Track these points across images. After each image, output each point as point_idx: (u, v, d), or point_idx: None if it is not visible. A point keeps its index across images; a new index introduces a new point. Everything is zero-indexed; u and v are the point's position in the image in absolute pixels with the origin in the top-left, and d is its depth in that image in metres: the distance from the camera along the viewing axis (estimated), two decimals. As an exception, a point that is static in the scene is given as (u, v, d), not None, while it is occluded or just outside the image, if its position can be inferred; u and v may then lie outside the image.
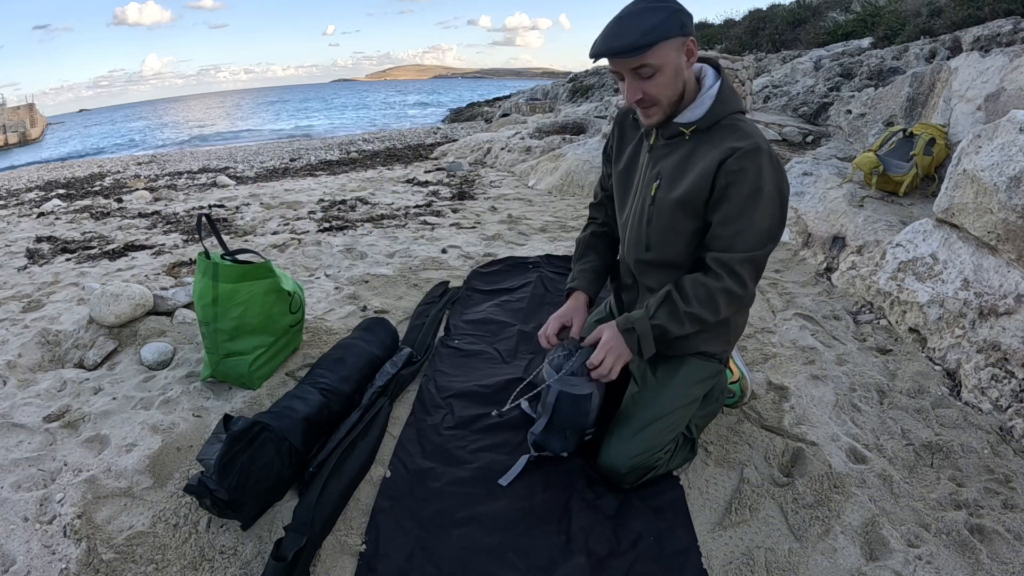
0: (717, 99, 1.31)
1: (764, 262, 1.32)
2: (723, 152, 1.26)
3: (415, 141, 12.14)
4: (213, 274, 1.74)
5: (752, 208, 1.26)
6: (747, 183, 1.25)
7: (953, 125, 3.07)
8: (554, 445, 1.49)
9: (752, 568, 1.23)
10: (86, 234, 4.21)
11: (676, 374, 1.43)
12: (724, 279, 1.29)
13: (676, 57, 1.25)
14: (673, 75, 1.26)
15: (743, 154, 1.24)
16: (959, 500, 1.40)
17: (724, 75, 1.36)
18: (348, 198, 5.07)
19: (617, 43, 1.21)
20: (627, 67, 1.25)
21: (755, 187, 1.25)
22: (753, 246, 1.28)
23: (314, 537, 1.23)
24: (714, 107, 1.31)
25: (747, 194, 1.26)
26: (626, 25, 1.21)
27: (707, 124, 1.32)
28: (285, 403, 1.56)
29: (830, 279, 2.73)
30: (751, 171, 1.24)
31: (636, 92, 1.28)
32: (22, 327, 2.38)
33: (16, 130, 31.80)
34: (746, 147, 1.25)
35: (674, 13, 1.21)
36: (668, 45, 1.22)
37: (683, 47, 1.25)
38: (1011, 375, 1.73)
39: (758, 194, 1.25)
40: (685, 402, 1.43)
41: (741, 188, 1.25)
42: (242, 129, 28.84)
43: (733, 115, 1.32)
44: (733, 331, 1.48)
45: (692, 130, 1.33)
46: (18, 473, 1.46)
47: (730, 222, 1.28)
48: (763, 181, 1.25)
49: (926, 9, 6.05)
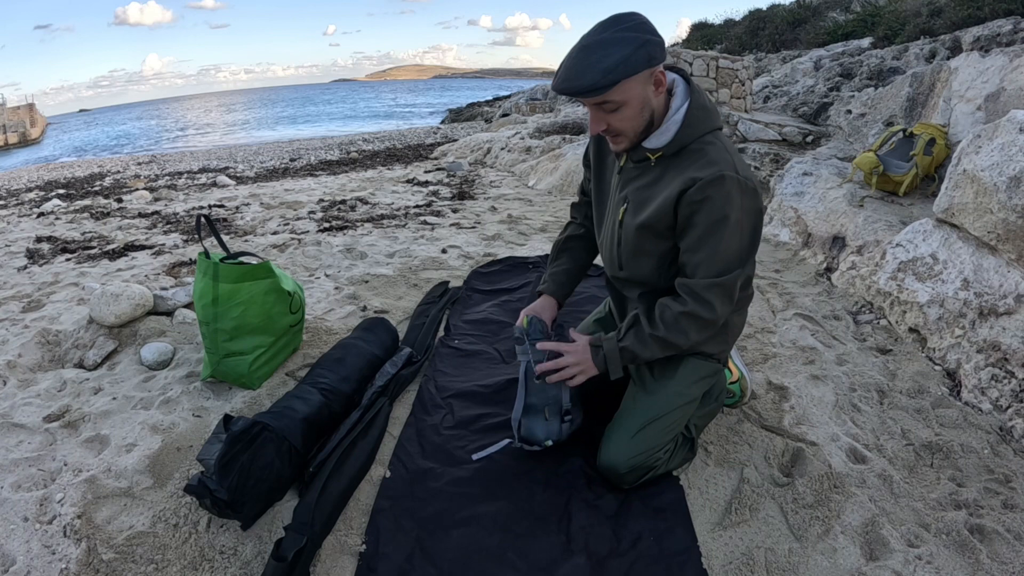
0: (683, 124, 1.26)
1: (734, 286, 1.29)
2: (684, 182, 1.23)
3: (415, 141, 12.14)
4: (213, 274, 1.74)
5: (716, 237, 1.23)
6: (710, 212, 1.22)
7: (953, 125, 3.07)
8: (537, 431, 1.46)
9: (752, 568, 1.23)
10: (86, 234, 4.21)
11: (674, 374, 1.43)
12: (689, 304, 1.28)
13: (642, 90, 1.20)
14: (639, 109, 1.22)
15: (705, 184, 1.20)
16: (959, 500, 1.40)
17: (694, 93, 1.29)
18: (348, 198, 5.07)
19: (576, 82, 1.16)
20: (589, 102, 1.22)
21: (719, 216, 1.22)
22: (719, 272, 1.26)
23: (314, 537, 1.24)
24: (680, 133, 1.26)
25: (711, 223, 1.22)
26: (588, 60, 1.15)
27: (673, 150, 1.28)
28: (285, 403, 1.56)
29: (830, 279, 2.73)
30: (714, 200, 1.21)
31: (600, 124, 1.25)
32: (22, 327, 2.38)
33: (16, 130, 31.80)
34: (708, 177, 1.20)
35: (640, 47, 1.15)
36: (633, 80, 1.17)
37: (650, 79, 1.20)
38: (1011, 375, 1.73)
39: (723, 223, 1.22)
40: (683, 401, 1.42)
41: (704, 217, 1.22)
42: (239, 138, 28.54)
43: (702, 138, 1.27)
44: (731, 332, 1.48)
45: (658, 156, 1.30)
46: (18, 473, 1.46)
47: (695, 250, 1.26)
48: (729, 209, 1.21)
49: (926, 9, 6.05)
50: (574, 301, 2.57)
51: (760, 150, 4.29)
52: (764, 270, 2.90)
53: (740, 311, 1.49)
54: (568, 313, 2.45)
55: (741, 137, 4.65)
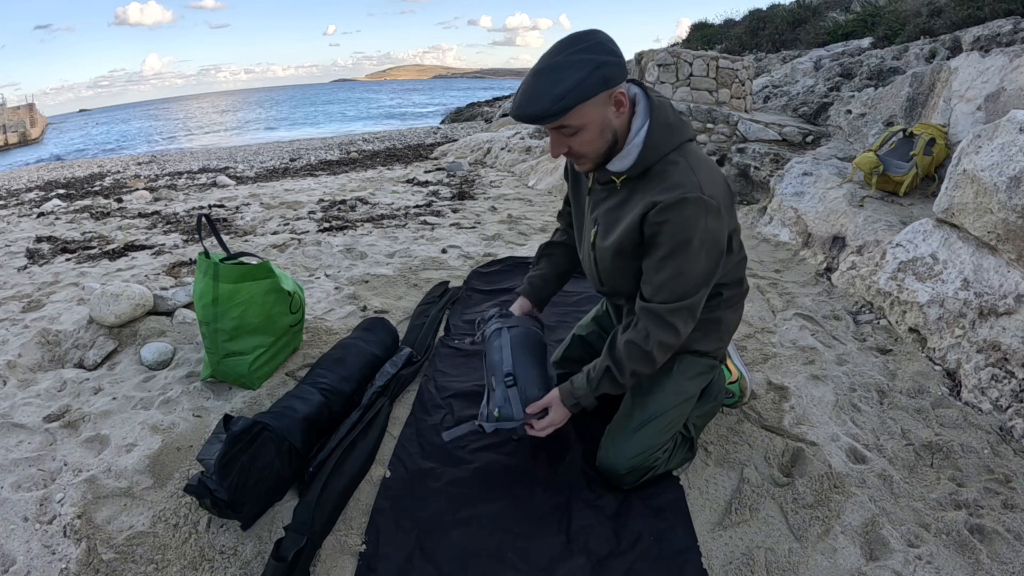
0: (645, 146, 1.22)
1: (698, 305, 1.27)
2: (645, 206, 1.21)
3: (415, 141, 12.14)
4: (213, 274, 1.74)
5: (679, 259, 1.22)
6: (672, 235, 1.20)
7: (953, 125, 3.07)
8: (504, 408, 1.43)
9: (752, 568, 1.23)
10: (86, 234, 4.21)
11: (669, 372, 1.43)
12: (653, 335, 1.26)
13: (600, 113, 1.17)
14: (598, 131, 1.19)
15: (665, 207, 1.18)
16: (959, 500, 1.40)
17: (656, 110, 1.24)
18: (348, 198, 5.07)
19: (529, 109, 1.13)
20: (547, 127, 1.19)
21: (682, 239, 1.19)
22: (683, 295, 1.24)
23: (314, 537, 1.24)
24: (642, 155, 1.23)
25: (673, 246, 1.21)
26: (541, 86, 1.12)
27: (638, 172, 1.25)
28: (285, 403, 1.56)
29: (830, 279, 2.73)
30: (675, 223, 1.19)
31: (561, 147, 1.22)
32: (22, 327, 2.38)
33: (16, 130, 31.80)
34: (668, 200, 1.18)
35: (596, 69, 1.11)
36: (589, 104, 1.14)
37: (609, 100, 1.16)
38: (1011, 375, 1.73)
39: (685, 246, 1.20)
40: (680, 400, 1.43)
41: (666, 239, 1.21)
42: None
43: (667, 156, 1.23)
44: (725, 329, 1.47)
45: (623, 179, 1.27)
46: (18, 473, 1.46)
47: (658, 271, 1.24)
48: (690, 231, 1.19)
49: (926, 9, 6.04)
50: (573, 301, 2.57)
51: (760, 150, 4.29)
52: (764, 270, 2.90)
53: (735, 307, 1.49)
54: (567, 313, 2.45)
55: (741, 137, 4.65)
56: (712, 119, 4.80)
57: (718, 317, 1.43)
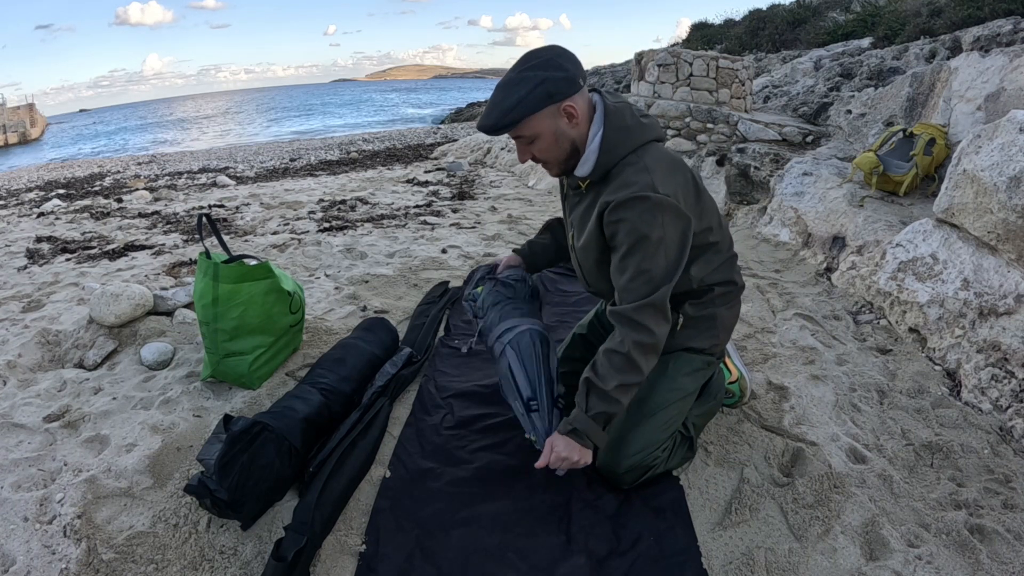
0: (600, 151, 1.28)
1: (664, 300, 1.28)
2: (600, 206, 1.27)
3: (415, 141, 12.14)
4: (214, 274, 1.74)
5: (639, 257, 1.24)
6: (628, 234, 1.24)
7: (953, 125, 3.07)
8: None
9: (752, 568, 1.23)
10: (86, 234, 4.21)
11: (665, 370, 1.43)
12: (627, 340, 1.26)
13: (551, 123, 1.26)
14: (553, 140, 1.28)
15: (616, 206, 1.23)
16: (959, 500, 1.40)
17: (610, 116, 1.29)
18: (348, 198, 5.07)
19: (483, 121, 1.26)
20: (507, 136, 1.29)
21: (638, 236, 1.23)
22: (646, 293, 1.26)
23: (314, 537, 1.23)
24: (600, 160, 1.29)
25: (631, 244, 1.24)
26: (494, 101, 1.25)
27: (599, 176, 1.31)
28: (285, 403, 1.56)
29: (830, 279, 2.73)
30: (629, 221, 1.23)
31: (524, 155, 1.33)
32: (22, 327, 2.38)
33: (16, 130, 31.81)
34: (619, 199, 1.23)
35: (538, 85, 1.21)
36: (536, 117, 1.24)
37: (558, 113, 1.25)
38: (1011, 375, 1.73)
39: (643, 242, 1.23)
40: (678, 397, 1.43)
41: (624, 238, 1.25)
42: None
43: (625, 159, 1.28)
44: (721, 326, 1.47)
45: (587, 184, 1.34)
46: (18, 473, 1.46)
47: (622, 271, 1.28)
48: (645, 228, 1.22)
49: (926, 9, 6.04)
50: (572, 301, 2.57)
51: (760, 150, 4.29)
52: (764, 270, 2.90)
53: (730, 305, 1.48)
54: (568, 313, 2.45)
55: (741, 137, 4.65)
56: (712, 119, 4.80)
57: (712, 314, 1.43)
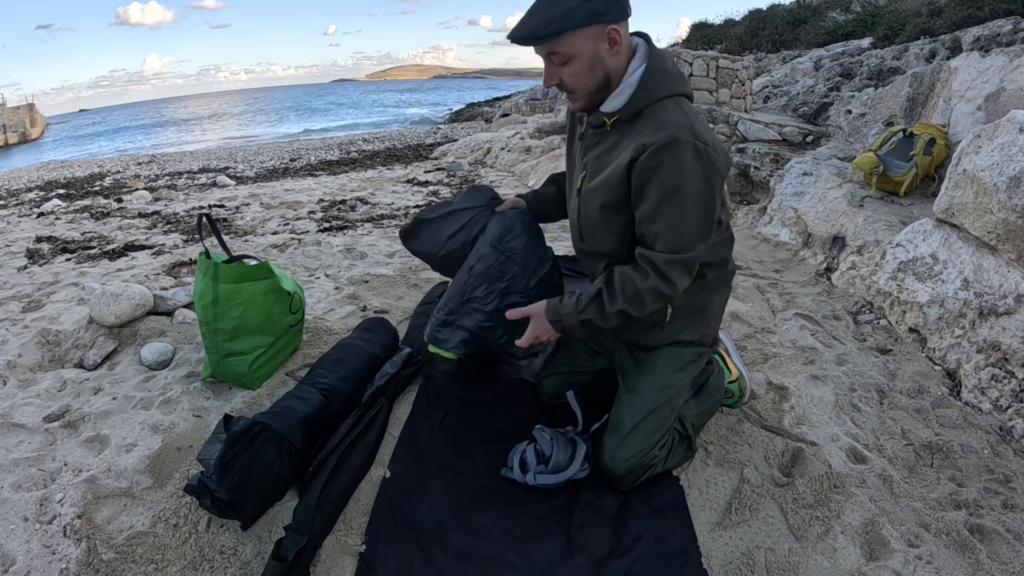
0: (639, 87, 1.21)
1: (694, 262, 1.24)
2: (636, 149, 1.18)
3: (415, 141, 12.14)
4: (214, 274, 1.74)
5: (673, 208, 1.17)
6: (664, 181, 1.15)
7: (953, 125, 3.07)
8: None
9: (752, 568, 1.23)
10: (86, 234, 4.21)
11: (655, 369, 1.42)
12: (651, 278, 1.23)
13: (592, 46, 1.18)
14: (588, 65, 1.20)
15: (656, 150, 1.15)
16: (959, 500, 1.40)
17: (655, 56, 1.24)
18: (348, 198, 5.07)
19: (520, 29, 1.18)
20: (541, 52, 1.21)
21: (675, 185, 1.15)
22: (678, 248, 1.20)
23: (314, 537, 1.23)
24: (635, 96, 1.22)
25: (665, 193, 1.16)
26: (535, 8, 1.17)
27: (629, 114, 1.23)
28: (285, 403, 1.56)
29: (830, 279, 2.73)
30: (667, 167, 1.15)
31: (552, 78, 1.24)
32: (22, 327, 2.38)
33: (16, 130, 31.83)
34: (660, 141, 1.14)
35: (586, 1, 1.14)
36: (580, 34, 1.17)
37: (602, 35, 1.18)
38: (1011, 375, 1.73)
39: (678, 192, 1.16)
40: (668, 395, 1.41)
41: (658, 187, 1.16)
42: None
43: (661, 102, 1.21)
44: (711, 315, 1.44)
45: (614, 120, 1.26)
46: (18, 473, 1.46)
47: (651, 221, 1.20)
48: (684, 178, 1.15)
49: (926, 9, 6.05)
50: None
51: (760, 150, 4.29)
52: (764, 270, 2.90)
53: (721, 290, 1.45)
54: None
55: (741, 137, 4.65)
56: (712, 119, 4.80)
57: (702, 303, 1.39)
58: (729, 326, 2.27)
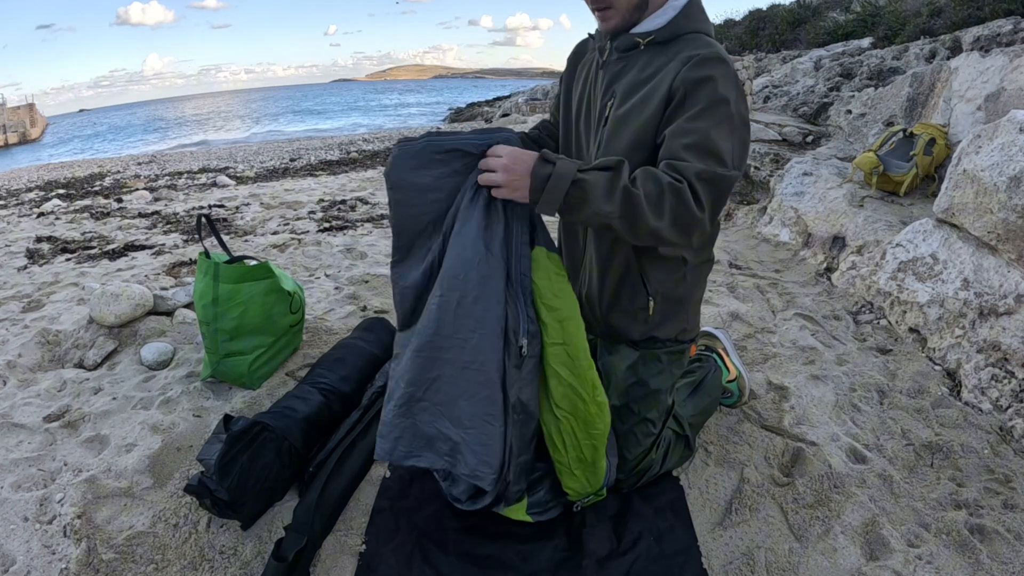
0: (682, 12, 1.18)
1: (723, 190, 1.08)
2: (681, 61, 1.12)
3: (415, 141, 12.12)
4: (214, 274, 1.74)
5: (711, 119, 1.08)
6: (707, 92, 1.08)
7: (953, 125, 3.07)
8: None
9: (752, 568, 1.23)
10: (86, 234, 4.21)
11: (636, 377, 1.36)
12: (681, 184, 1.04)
13: None
14: None
15: (703, 60, 1.10)
16: (959, 500, 1.40)
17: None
18: (348, 198, 5.07)
19: None
20: None
21: (716, 97, 1.08)
22: (709, 162, 1.06)
23: (314, 537, 1.24)
24: (677, 19, 1.18)
25: (706, 104, 1.08)
26: None
27: (666, 36, 1.18)
28: (285, 403, 1.56)
29: (830, 279, 2.73)
30: (715, 80, 1.09)
31: None
32: (22, 327, 2.38)
33: (16, 130, 31.86)
34: (708, 54, 1.11)
35: None
36: None
37: None
38: (1011, 375, 1.73)
39: (720, 105, 1.08)
40: (653, 402, 1.36)
41: (699, 96, 1.09)
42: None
43: (698, 33, 1.18)
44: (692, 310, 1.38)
45: (649, 40, 1.19)
46: (18, 473, 1.46)
47: (683, 133, 1.08)
48: (727, 92, 1.09)
49: (926, 9, 6.05)
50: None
51: (760, 150, 4.29)
52: (764, 270, 2.90)
53: (699, 283, 1.38)
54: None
55: (741, 137, 4.66)
56: (712, 119, 4.80)
57: (680, 297, 1.33)
58: (729, 326, 2.27)
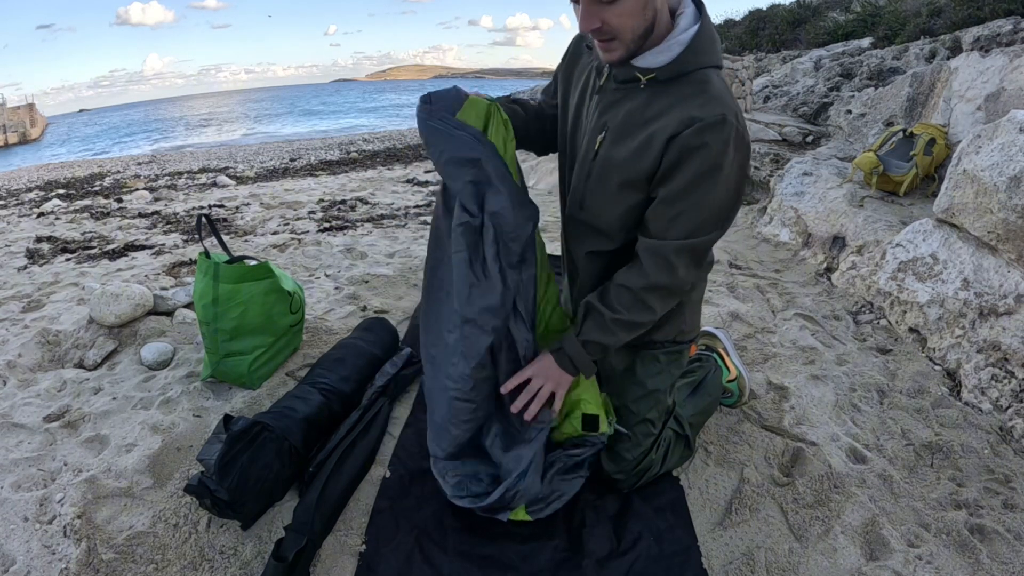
0: (688, 47, 1.08)
1: (706, 250, 1.13)
2: (681, 122, 1.06)
3: (415, 141, 12.15)
4: (214, 274, 1.74)
5: (703, 190, 1.07)
6: (704, 161, 1.05)
7: (953, 125, 3.07)
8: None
9: (752, 568, 1.23)
10: (86, 234, 4.21)
11: (633, 377, 1.37)
12: (649, 275, 1.12)
13: None
14: (641, 5, 1.03)
15: (705, 127, 1.03)
16: (959, 500, 1.40)
17: (706, 19, 1.11)
18: (348, 198, 5.08)
19: None
20: None
21: (712, 165, 1.05)
22: (694, 232, 1.09)
23: (314, 537, 1.23)
24: (683, 56, 1.08)
25: (701, 173, 1.06)
26: None
27: (669, 75, 1.09)
28: (285, 403, 1.56)
29: (830, 279, 2.73)
30: (711, 148, 1.04)
31: (592, 20, 1.03)
32: (22, 327, 2.38)
33: (16, 130, 31.86)
34: (710, 119, 1.03)
35: None
36: None
37: None
38: (1011, 375, 1.73)
39: (714, 173, 1.06)
40: (651, 404, 1.37)
41: (695, 166, 1.06)
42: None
43: (705, 69, 1.09)
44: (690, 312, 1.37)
45: (650, 78, 1.10)
46: (18, 473, 1.46)
47: (674, 201, 1.08)
48: (724, 160, 1.05)
49: (926, 9, 6.05)
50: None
51: (760, 150, 4.29)
52: (764, 270, 2.90)
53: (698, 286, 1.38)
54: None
55: (741, 137, 4.67)
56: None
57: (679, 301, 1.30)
58: (729, 326, 2.27)
